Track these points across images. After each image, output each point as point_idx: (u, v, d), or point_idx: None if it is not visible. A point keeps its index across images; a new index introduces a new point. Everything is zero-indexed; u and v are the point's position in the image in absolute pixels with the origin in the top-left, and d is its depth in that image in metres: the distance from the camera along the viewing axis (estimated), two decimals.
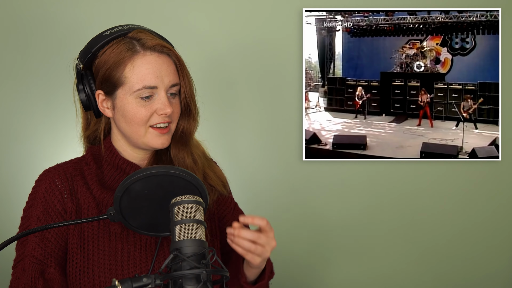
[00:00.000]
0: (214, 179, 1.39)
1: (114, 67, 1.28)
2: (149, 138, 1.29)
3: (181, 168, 1.10)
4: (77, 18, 2.19)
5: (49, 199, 1.29)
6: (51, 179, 1.30)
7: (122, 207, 1.10)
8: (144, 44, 1.29)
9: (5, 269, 1.44)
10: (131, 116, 1.28)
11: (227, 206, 1.45)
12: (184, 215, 1.00)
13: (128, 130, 1.30)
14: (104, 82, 1.30)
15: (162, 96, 1.28)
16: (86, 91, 1.32)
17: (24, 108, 2.19)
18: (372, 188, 2.29)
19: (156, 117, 1.28)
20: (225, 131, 2.25)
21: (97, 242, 1.28)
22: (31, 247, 1.26)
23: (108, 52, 1.29)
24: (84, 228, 1.29)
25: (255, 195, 2.25)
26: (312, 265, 2.29)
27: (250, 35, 2.24)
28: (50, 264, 1.25)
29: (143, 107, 1.27)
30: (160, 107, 1.27)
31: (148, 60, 1.28)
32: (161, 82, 1.27)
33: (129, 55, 1.27)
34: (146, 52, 1.28)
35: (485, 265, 2.31)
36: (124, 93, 1.28)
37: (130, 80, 1.27)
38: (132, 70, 1.27)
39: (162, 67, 1.28)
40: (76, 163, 1.36)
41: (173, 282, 0.93)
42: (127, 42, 1.29)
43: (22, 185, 2.15)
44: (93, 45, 1.30)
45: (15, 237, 1.11)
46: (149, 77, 1.26)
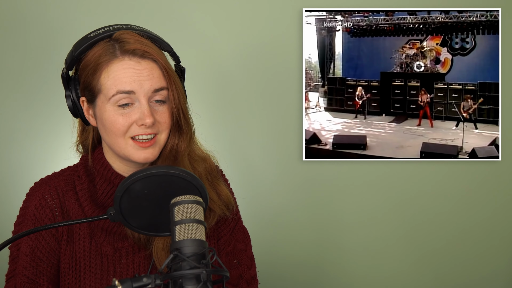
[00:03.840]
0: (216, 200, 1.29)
1: (92, 74, 1.18)
2: (130, 151, 1.19)
3: (181, 168, 1.10)
4: (78, 18, 2.19)
5: (40, 217, 1.24)
6: (42, 195, 1.25)
7: (122, 207, 1.10)
8: (123, 48, 1.17)
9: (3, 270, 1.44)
10: (108, 126, 1.18)
11: (225, 226, 1.36)
12: (184, 215, 1.00)
13: (109, 141, 1.21)
14: (85, 89, 1.22)
15: (143, 104, 1.16)
16: (72, 97, 1.23)
17: (23, 108, 2.19)
18: (372, 188, 2.29)
19: (135, 128, 1.17)
20: (225, 131, 2.25)
21: (89, 264, 1.24)
22: (22, 266, 1.22)
23: (89, 56, 1.19)
24: (76, 249, 1.24)
25: (255, 195, 2.24)
26: (312, 265, 2.29)
27: (250, 35, 2.24)
28: (43, 283, 1.22)
29: (120, 116, 1.17)
30: (139, 117, 1.16)
31: (125, 64, 1.16)
32: (138, 87, 1.15)
33: (107, 60, 1.17)
34: (124, 57, 1.17)
35: (485, 265, 2.31)
36: (102, 101, 1.18)
37: (105, 87, 1.17)
38: (107, 75, 1.16)
39: (142, 72, 1.16)
40: (69, 176, 1.29)
41: (173, 282, 0.93)
42: (108, 45, 1.19)
43: (22, 185, 2.15)
44: (77, 49, 1.21)
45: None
46: (124, 81, 1.15)
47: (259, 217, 2.23)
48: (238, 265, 1.36)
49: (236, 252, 1.37)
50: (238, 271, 1.35)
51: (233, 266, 1.36)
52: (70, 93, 1.24)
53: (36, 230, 1.14)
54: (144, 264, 1.26)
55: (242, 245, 1.39)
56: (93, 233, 1.25)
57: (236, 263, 1.36)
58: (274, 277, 2.25)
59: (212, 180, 1.31)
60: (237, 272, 1.36)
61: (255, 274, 1.40)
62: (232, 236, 1.37)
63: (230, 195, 1.34)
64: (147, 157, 1.20)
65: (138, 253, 1.27)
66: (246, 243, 1.40)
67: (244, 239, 1.40)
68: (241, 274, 1.36)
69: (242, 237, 1.40)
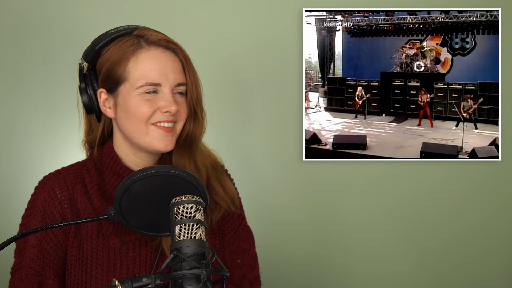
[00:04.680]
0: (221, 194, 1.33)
1: (117, 63, 1.23)
2: (151, 138, 1.23)
3: (181, 168, 1.10)
4: (78, 18, 2.19)
5: (48, 210, 1.25)
6: (51, 188, 1.27)
7: (122, 207, 1.10)
8: (148, 39, 1.24)
9: (4, 269, 1.44)
10: (133, 112, 1.22)
11: (230, 223, 1.38)
12: (184, 215, 1.00)
13: (129, 129, 1.24)
14: (106, 79, 1.25)
15: (167, 93, 1.23)
16: (89, 91, 1.27)
17: (24, 108, 2.19)
18: (372, 188, 2.29)
19: (159, 114, 1.23)
20: (225, 131, 2.25)
21: (96, 256, 1.25)
22: (29, 258, 1.24)
23: (112, 49, 1.25)
24: (83, 241, 1.26)
25: (255, 195, 2.24)
26: (312, 265, 2.29)
27: (250, 35, 2.24)
28: (49, 275, 1.23)
29: (146, 102, 1.22)
30: (164, 104, 1.22)
31: (152, 55, 1.23)
32: (165, 80, 1.23)
33: (133, 50, 1.23)
34: (151, 47, 1.24)
35: (485, 265, 2.31)
36: (127, 89, 1.23)
37: (133, 76, 1.22)
38: (136, 65, 1.22)
39: (167, 64, 1.23)
40: (78, 170, 1.31)
41: (173, 282, 0.93)
42: (131, 38, 1.25)
43: (23, 186, 2.15)
44: (97, 43, 1.26)
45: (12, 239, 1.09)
46: (153, 73, 1.22)
47: (259, 217, 2.23)
48: (242, 265, 1.37)
49: (240, 252, 1.38)
50: (241, 271, 1.37)
51: (237, 266, 1.37)
52: (87, 86, 1.27)
53: (36, 230, 1.14)
54: (151, 258, 1.27)
55: (246, 245, 1.40)
56: (100, 225, 1.27)
57: (240, 263, 1.37)
58: (274, 277, 2.25)
59: (218, 175, 1.35)
60: (240, 272, 1.37)
61: (258, 274, 1.42)
62: (236, 235, 1.38)
63: (235, 190, 1.38)
64: (167, 145, 1.24)
65: (145, 247, 1.28)
66: (250, 243, 1.42)
67: (248, 239, 1.41)
68: (244, 274, 1.37)
69: (246, 237, 1.41)
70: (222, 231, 1.37)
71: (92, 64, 1.29)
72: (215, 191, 1.32)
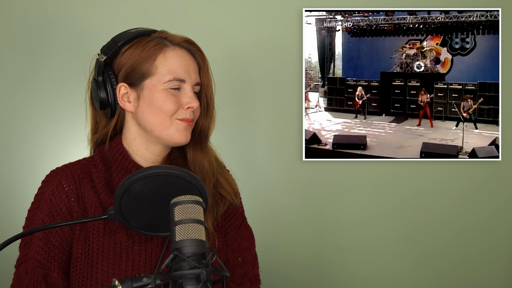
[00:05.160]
0: (226, 187, 1.39)
1: (145, 58, 1.29)
2: (174, 130, 1.30)
3: (181, 168, 1.10)
4: (78, 18, 2.19)
5: (55, 202, 1.27)
6: (58, 181, 1.29)
7: (122, 207, 1.11)
8: (173, 41, 1.33)
9: (6, 269, 1.44)
10: (159, 105, 1.29)
11: (233, 221, 1.42)
12: (184, 215, 1.00)
13: (152, 122, 1.30)
14: (130, 74, 1.30)
15: (189, 90, 1.31)
16: (107, 86, 1.31)
17: (26, 107, 2.19)
18: (372, 188, 2.29)
19: (182, 111, 1.30)
20: (224, 131, 2.25)
21: (102, 250, 1.27)
22: (34, 250, 1.25)
23: (135, 47, 1.31)
24: (89, 234, 1.28)
25: (255, 195, 2.24)
26: (311, 265, 2.29)
27: (250, 35, 2.25)
28: (53, 268, 1.25)
29: (172, 97, 1.29)
30: (187, 101, 1.30)
31: (178, 53, 1.32)
32: (189, 77, 1.31)
33: (160, 47, 1.31)
34: (176, 47, 1.33)
35: (485, 265, 2.31)
36: (154, 83, 1.30)
37: (160, 71, 1.29)
38: (164, 61, 1.30)
39: (189, 63, 1.33)
40: (85, 165, 1.33)
41: (173, 282, 0.93)
42: (156, 38, 1.33)
43: (23, 186, 2.15)
44: (119, 40, 1.32)
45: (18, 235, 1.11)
46: (180, 69, 1.30)
47: (259, 216, 2.23)
48: (242, 263, 1.40)
49: (241, 250, 1.41)
50: (242, 270, 1.40)
51: (238, 264, 1.40)
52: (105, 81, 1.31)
53: (38, 230, 1.14)
54: (156, 252, 1.29)
55: (247, 243, 1.43)
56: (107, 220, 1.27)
57: (241, 261, 1.40)
58: (274, 277, 2.25)
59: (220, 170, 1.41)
60: (241, 271, 1.40)
61: (258, 273, 1.45)
62: (238, 234, 1.41)
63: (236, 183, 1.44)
64: (187, 136, 1.32)
65: (150, 241, 1.30)
66: (250, 241, 1.45)
67: (248, 238, 1.45)
68: (245, 272, 1.40)
69: (247, 236, 1.44)
70: (225, 228, 1.40)
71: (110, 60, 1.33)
72: (221, 184, 1.38)
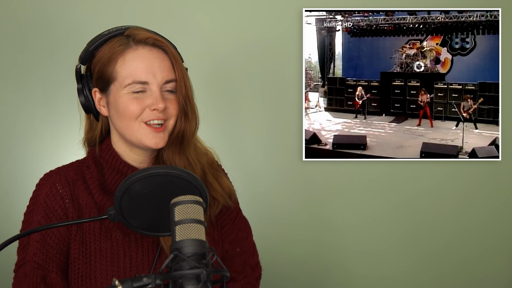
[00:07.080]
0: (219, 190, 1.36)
1: (107, 63, 1.27)
2: (142, 135, 1.26)
3: (181, 168, 1.10)
4: (77, 18, 2.19)
5: (50, 204, 1.27)
6: (52, 184, 1.29)
7: (122, 207, 1.10)
8: (135, 38, 1.27)
9: (5, 269, 1.44)
10: (122, 110, 1.25)
11: (227, 216, 1.43)
12: (184, 215, 1.00)
13: (121, 126, 1.28)
14: (98, 79, 1.29)
15: (155, 91, 1.25)
16: (85, 91, 1.31)
17: (24, 108, 2.19)
18: (372, 188, 2.29)
19: (148, 112, 1.25)
20: (225, 131, 2.25)
21: (99, 248, 1.27)
22: (32, 252, 1.25)
23: (103, 50, 1.28)
24: (86, 234, 1.28)
25: (255, 195, 2.24)
26: (311, 265, 2.29)
27: (250, 35, 2.24)
28: (52, 269, 1.25)
29: (134, 100, 1.25)
30: (152, 102, 1.25)
31: (139, 54, 1.26)
32: (153, 78, 1.25)
33: (121, 50, 1.26)
34: (138, 46, 1.27)
35: (485, 265, 2.31)
36: (117, 88, 1.26)
37: (121, 75, 1.25)
38: (123, 64, 1.25)
39: (154, 62, 1.26)
40: (77, 167, 1.34)
41: (173, 282, 0.93)
42: (121, 38, 1.28)
43: (23, 186, 2.15)
44: (91, 45, 1.30)
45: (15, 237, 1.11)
46: (140, 71, 1.25)
47: (258, 216, 2.23)
48: (241, 252, 1.44)
49: (238, 241, 1.44)
50: (242, 259, 1.44)
51: (237, 254, 1.43)
52: (83, 87, 1.31)
53: (36, 230, 1.14)
54: (153, 248, 1.30)
55: (244, 233, 1.46)
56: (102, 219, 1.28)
57: (239, 251, 1.43)
58: (274, 277, 2.25)
59: (214, 172, 1.39)
60: (241, 260, 1.44)
61: (258, 261, 1.49)
62: (234, 226, 1.43)
63: (231, 186, 1.43)
64: (157, 142, 1.27)
65: (146, 238, 1.31)
66: (247, 232, 1.48)
67: (245, 228, 1.47)
68: (245, 261, 1.44)
69: (243, 226, 1.47)
70: (220, 222, 1.42)
71: (88, 65, 1.34)
72: (213, 187, 1.36)
